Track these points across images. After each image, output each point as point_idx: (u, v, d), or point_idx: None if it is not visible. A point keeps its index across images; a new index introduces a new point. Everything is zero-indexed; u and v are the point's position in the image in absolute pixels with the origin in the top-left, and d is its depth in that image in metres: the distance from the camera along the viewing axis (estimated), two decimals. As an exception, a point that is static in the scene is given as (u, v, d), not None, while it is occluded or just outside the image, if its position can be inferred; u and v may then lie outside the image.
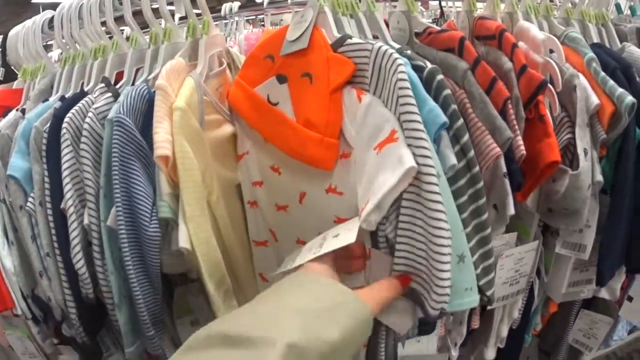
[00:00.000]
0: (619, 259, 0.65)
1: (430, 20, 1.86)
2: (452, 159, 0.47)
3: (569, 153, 0.61)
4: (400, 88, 0.44)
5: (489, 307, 0.70)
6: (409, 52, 0.52)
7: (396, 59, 0.46)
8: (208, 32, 0.59)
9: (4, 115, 0.72)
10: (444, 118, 0.45)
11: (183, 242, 0.49)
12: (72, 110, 0.59)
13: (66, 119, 0.59)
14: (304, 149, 0.51)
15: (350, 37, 0.51)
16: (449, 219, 0.45)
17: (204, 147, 0.54)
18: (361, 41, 0.50)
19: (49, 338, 0.74)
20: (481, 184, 0.51)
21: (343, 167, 0.50)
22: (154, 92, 0.52)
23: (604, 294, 0.73)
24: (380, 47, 0.47)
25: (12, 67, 0.81)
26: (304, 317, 0.36)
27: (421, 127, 0.44)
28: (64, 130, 0.58)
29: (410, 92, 0.44)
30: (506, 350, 0.76)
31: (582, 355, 0.87)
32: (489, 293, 0.55)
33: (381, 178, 0.44)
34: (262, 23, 1.75)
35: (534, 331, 0.83)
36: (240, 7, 1.49)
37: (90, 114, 0.57)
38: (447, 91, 0.48)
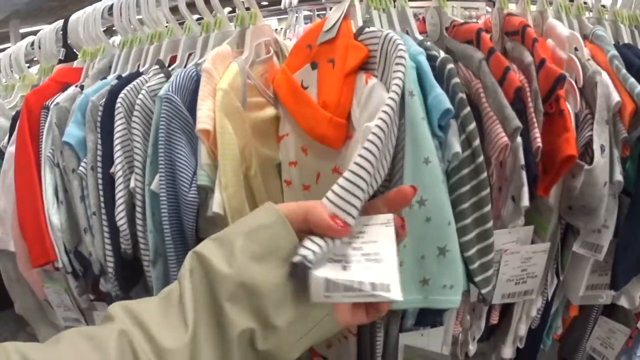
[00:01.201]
0: (636, 264, 0.69)
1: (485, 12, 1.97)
2: (457, 147, 0.52)
3: (590, 150, 0.66)
4: (395, 71, 0.48)
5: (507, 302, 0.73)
6: (428, 43, 0.61)
7: (399, 44, 0.50)
8: (255, 22, 0.71)
9: (63, 90, 0.86)
10: (447, 104, 0.51)
11: (216, 207, 0.59)
12: (127, 88, 0.72)
13: (121, 95, 0.71)
14: (318, 127, 0.58)
15: (369, 26, 0.59)
16: (435, 208, 0.49)
17: (244, 126, 0.64)
18: (376, 30, 0.57)
19: (86, 293, 0.86)
20: (484, 174, 0.55)
21: (347, 148, 0.57)
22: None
23: (623, 301, 0.76)
24: (387, 34, 0.53)
25: (72, 49, 0.96)
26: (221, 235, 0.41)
27: (392, 103, 0.44)
28: (118, 105, 0.71)
29: (401, 75, 0.47)
30: (525, 351, 0.82)
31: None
32: (484, 291, 0.57)
33: None
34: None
35: (555, 335, 0.88)
36: (299, 1, 1.65)
37: (143, 91, 0.70)
38: (456, 79, 0.55)
